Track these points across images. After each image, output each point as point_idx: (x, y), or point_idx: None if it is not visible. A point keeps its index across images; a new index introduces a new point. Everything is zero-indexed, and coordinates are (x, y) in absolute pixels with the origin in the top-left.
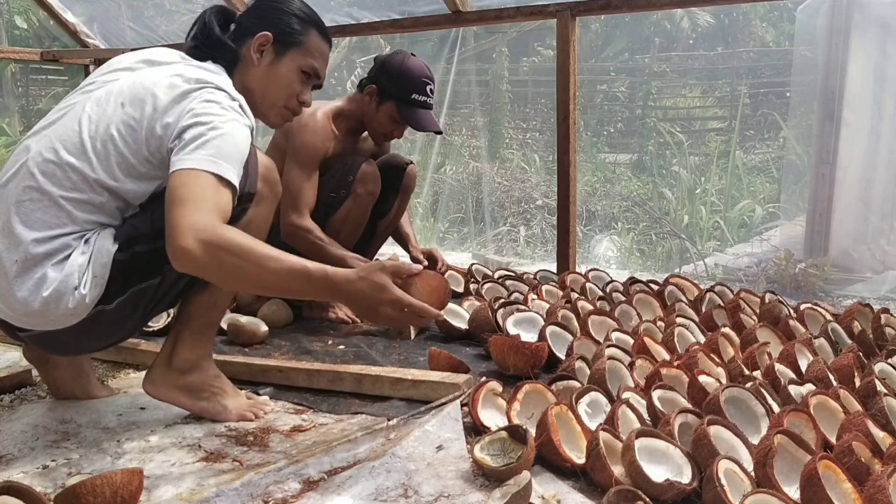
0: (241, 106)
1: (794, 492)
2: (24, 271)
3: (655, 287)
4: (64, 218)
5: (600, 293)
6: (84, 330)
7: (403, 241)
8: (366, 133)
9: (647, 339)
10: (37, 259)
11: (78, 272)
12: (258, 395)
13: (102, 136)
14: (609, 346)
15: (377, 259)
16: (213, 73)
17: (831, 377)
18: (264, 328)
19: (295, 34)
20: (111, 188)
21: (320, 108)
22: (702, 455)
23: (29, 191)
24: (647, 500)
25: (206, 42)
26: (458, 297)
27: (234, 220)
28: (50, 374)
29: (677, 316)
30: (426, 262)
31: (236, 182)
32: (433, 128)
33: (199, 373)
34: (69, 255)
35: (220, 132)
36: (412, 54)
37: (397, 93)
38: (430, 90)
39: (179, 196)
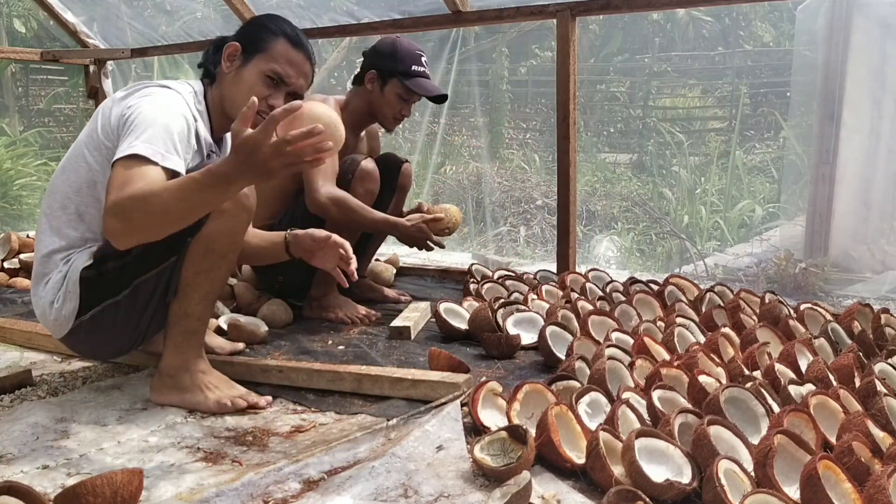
0: (184, 99)
1: (794, 492)
2: (33, 287)
3: (655, 287)
4: (54, 235)
5: (600, 293)
6: (86, 338)
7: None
8: (363, 133)
9: (647, 339)
10: (38, 277)
11: (54, 289)
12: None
13: (74, 152)
14: (609, 346)
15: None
16: (174, 82)
17: (831, 377)
18: (264, 328)
19: (260, 42)
20: (85, 199)
21: (328, 99)
22: (702, 455)
23: (43, 213)
24: (647, 500)
25: (203, 64)
26: (457, 298)
27: (189, 234)
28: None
29: (677, 316)
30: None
31: (151, 154)
32: (440, 91)
33: (186, 373)
34: (52, 275)
35: (147, 120)
36: (398, 36)
37: (399, 69)
38: (425, 62)
39: (109, 183)
